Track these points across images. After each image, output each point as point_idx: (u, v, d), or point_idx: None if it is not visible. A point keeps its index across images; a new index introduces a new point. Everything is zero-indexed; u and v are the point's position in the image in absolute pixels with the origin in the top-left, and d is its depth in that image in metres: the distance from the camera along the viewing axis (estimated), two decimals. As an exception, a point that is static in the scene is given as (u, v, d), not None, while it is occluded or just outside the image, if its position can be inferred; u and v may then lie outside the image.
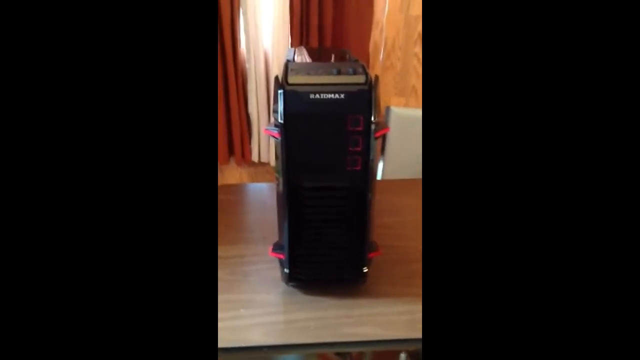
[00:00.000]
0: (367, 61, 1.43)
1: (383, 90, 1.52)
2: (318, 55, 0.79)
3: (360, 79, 0.54)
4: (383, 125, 0.56)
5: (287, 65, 0.58)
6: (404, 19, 1.43)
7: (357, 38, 1.37)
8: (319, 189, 0.57)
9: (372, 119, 0.54)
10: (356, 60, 0.63)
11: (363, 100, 0.54)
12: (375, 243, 0.64)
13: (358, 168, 0.57)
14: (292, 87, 0.53)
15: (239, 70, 1.38)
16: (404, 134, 1.36)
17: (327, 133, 0.55)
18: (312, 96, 0.53)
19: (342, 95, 0.53)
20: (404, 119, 1.39)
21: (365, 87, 0.54)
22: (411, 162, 1.36)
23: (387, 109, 1.38)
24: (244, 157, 1.50)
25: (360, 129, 0.55)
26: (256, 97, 1.40)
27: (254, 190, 1.00)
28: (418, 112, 1.48)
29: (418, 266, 0.71)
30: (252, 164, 1.52)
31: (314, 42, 1.32)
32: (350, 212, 0.59)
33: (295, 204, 0.58)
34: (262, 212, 0.86)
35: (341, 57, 0.70)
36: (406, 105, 1.52)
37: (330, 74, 0.55)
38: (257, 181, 1.53)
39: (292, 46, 1.33)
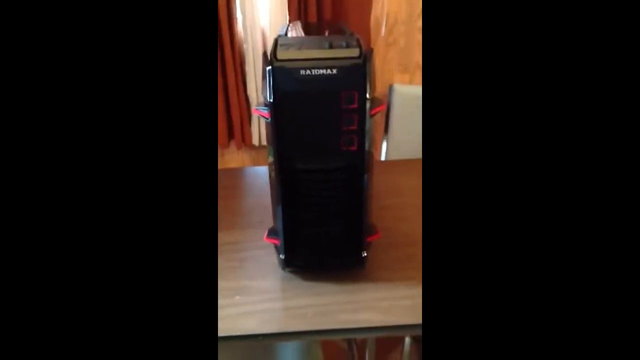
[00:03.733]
0: (369, 37, 1.38)
1: (386, 67, 1.46)
2: (312, 29, 0.75)
3: (354, 52, 0.51)
4: (379, 102, 0.53)
5: (277, 41, 0.54)
6: (407, -8, 1.37)
7: (357, 13, 1.32)
8: (313, 172, 0.55)
9: (367, 95, 0.51)
10: (351, 34, 0.59)
11: (357, 75, 0.50)
12: (374, 226, 0.62)
13: (354, 148, 0.54)
14: (282, 64, 0.50)
15: (236, 51, 1.34)
16: (408, 112, 1.32)
17: (320, 112, 0.52)
18: (302, 72, 0.50)
19: (335, 71, 0.50)
20: (408, 97, 1.34)
21: (360, 61, 0.50)
22: (416, 142, 1.32)
23: (391, 87, 1.34)
24: (244, 140, 1.47)
25: (354, 106, 0.52)
26: (255, 79, 1.36)
27: (250, 173, 0.98)
28: (420, 89, 1.43)
29: (419, 249, 0.68)
30: (253, 147, 1.50)
31: (313, 19, 1.27)
32: (346, 194, 0.56)
33: (288, 187, 0.55)
34: (259, 196, 0.83)
35: (337, 31, 0.66)
36: (411, 82, 1.47)
37: (322, 47, 0.51)
38: (260, 165, 1.51)
39: (290, 22, 1.28)
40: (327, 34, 0.67)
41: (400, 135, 1.31)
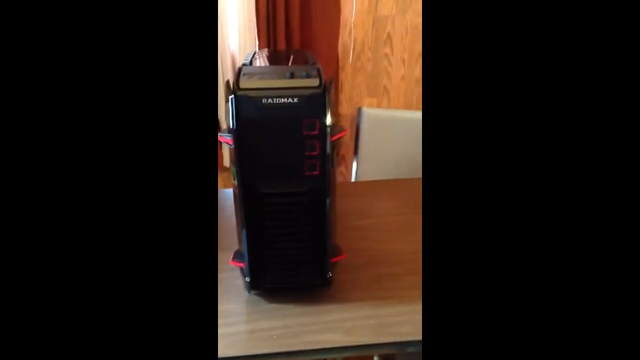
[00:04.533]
0: (337, 63, 1.42)
1: (355, 91, 1.51)
2: (277, 58, 0.78)
3: (314, 82, 0.53)
4: (340, 129, 0.56)
5: (240, 70, 0.56)
6: (373, 20, 1.42)
7: (325, 39, 1.36)
8: (277, 195, 0.56)
9: (328, 122, 0.53)
10: (313, 63, 0.62)
11: (317, 104, 0.53)
12: (338, 247, 0.63)
13: (316, 172, 0.56)
14: (244, 92, 0.52)
15: (207, 75, 1.36)
16: (376, 134, 1.36)
17: (283, 138, 0.54)
18: (264, 101, 0.52)
19: (296, 99, 0.52)
20: (376, 119, 1.38)
21: (319, 91, 0.53)
22: (385, 163, 1.36)
23: (359, 109, 1.38)
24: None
25: (316, 132, 0.54)
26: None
27: (220, 196, 0.99)
28: (390, 113, 1.48)
29: (386, 269, 0.70)
30: (225, 169, 1.50)
31: (282, 45, 1.31)
32: (309, 217, 0.58)
33: (252, 210, 0.56)
34: (228, 218, 0.84)
35: (302, 59, 0.69)
36: (379, 105, 1.52)
37: (283, 77, 0.54)
38: (230, 187, 1.51)
39: (258, 49, 1.31)
40: (291, 61, 0.69)
41: (369, 157, 1.35)
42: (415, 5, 1.40)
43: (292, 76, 0.54)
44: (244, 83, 0.52)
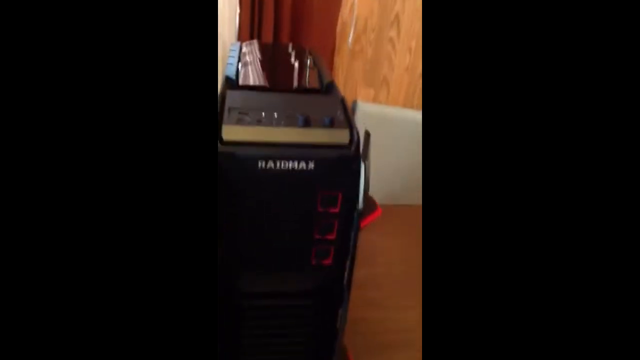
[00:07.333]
0: (334, 44, 1.20)
1: (349, 79, 1.30)
2: (273, 59, 0.56)
3: (342, 135, 0.34)
4: (373, 207, 0.37)
5: (224, 98, 0.35)
6: (379, -4, 1.20)
7: (322, 15, 1.13)
8: (267, 296, 0.37)
9: (360, 202, 0.34)
10: (330, 83, 0.41)
11: (346, 172, 0.33)
12: (346, 349, 0.46)
13: (328, 262, 0.37)
14: (230, 149, 0.31)
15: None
16: (373, 136, 1.17)
17: (284, 216, 0.35)
18: (261, 164, 0.32)
19: (312, 165, 0.32)
20: (373, 117, 1.19)
21: (350, 152, 0.33)
22: (383, 175, 1.18)
23: (354, 102, 1.18)
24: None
25: (336, 210, 0.35)
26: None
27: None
28: (390, 110, 1.29)
29: (402, 354, 0.54)
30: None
31: (269, 19, 1.06)
32: (314, 323, 0.39)
33: (230, 315, 0.37)
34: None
35: (301, 60, 0.48)
36: (375, 99, 1.32)
37: (293, 124, 0.33)
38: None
39: (240, 28, 1.05)
40: (292, 58, 0.48)
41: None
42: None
43: (306, 122, 0.33)
44: (230, 131, 0.32)
